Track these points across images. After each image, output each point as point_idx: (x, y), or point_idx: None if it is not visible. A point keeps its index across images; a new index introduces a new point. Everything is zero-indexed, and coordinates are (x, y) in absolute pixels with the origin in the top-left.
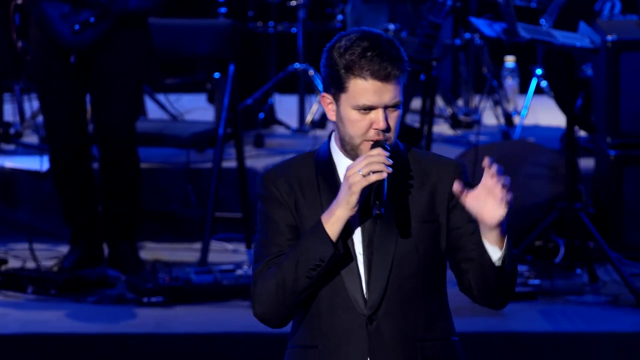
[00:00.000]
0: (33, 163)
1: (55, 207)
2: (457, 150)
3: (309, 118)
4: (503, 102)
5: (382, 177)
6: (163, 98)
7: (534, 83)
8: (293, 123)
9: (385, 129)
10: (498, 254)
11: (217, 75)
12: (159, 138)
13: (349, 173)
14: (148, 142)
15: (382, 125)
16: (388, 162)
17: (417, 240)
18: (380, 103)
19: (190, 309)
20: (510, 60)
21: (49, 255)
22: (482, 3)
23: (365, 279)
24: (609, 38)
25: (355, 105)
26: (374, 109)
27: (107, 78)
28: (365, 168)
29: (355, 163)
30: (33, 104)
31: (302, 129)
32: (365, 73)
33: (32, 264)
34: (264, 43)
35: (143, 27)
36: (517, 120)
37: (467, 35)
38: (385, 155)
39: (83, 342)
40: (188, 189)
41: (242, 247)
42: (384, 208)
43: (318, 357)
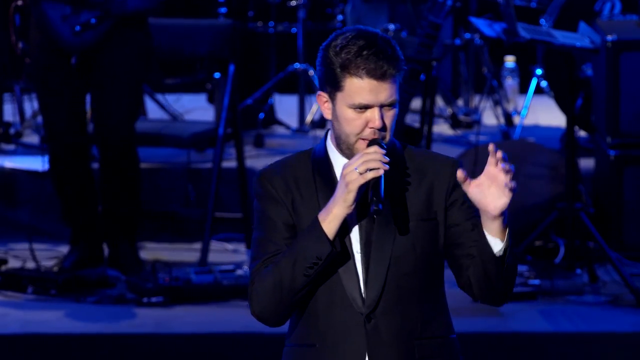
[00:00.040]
0: (33, 163)
1: (55, 207)
2: (457, 150)
3: (309, 118)
4: (503, 102)
5: (378, 174)
6: (162, 98)
7: (534, 83)
8: (293, 123)
9: (381, 128)
10: (499, 246)
11: (217, 75)
12: (159, 138)
13: (346, 171)
14: (148, 142)
15: (377, 124)
16: (385, 159)
17: (414, 238)
18: (376, 102)
19: (190, 309)
20: (510, 60)
21: (49, 255)
22: (482, 3)
23: (363, 277)
24: (609, 38)
25: (351, 104)
26: (370, 108)
27: (107, 78)
28: (362, 166)
29: (352, 161)
30: (33, 104)
31: (302, 129)
32: (361, 72)
33: (32, 264)
34: (264, 43)
35: (143, 27)
36: (517, 120)
37: (467, 35)
38: (382, 153)
39: (83, 342)
40: (188, 189)
41: (242, 247)
42: (382, 204)
43: (316, 355)
